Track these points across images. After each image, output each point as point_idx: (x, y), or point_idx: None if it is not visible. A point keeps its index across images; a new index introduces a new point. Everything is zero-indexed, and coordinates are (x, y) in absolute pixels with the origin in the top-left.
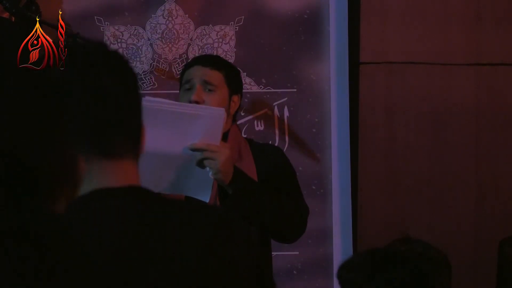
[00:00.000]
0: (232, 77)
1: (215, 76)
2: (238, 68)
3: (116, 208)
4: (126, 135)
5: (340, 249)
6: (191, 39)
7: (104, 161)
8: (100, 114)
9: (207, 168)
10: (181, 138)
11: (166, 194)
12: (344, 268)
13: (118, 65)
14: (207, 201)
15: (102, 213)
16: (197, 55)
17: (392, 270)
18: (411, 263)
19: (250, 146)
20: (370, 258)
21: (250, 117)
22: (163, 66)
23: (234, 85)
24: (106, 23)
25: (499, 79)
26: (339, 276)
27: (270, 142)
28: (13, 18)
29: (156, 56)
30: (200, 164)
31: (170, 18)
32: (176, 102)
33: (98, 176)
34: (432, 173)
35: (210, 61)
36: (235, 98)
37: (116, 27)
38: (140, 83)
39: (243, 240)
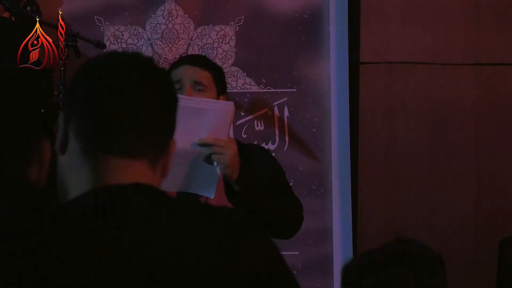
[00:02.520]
0: (219, 77)
1: (205, 76)
2: (238, 68)
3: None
4: (139, 137)
5: (340, 249)
6: (191, 39)
7: (110, 158)
8: (107, 111)
9: (214, 164)
10: (189, 133)
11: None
12: (345, 269)
13: (150, 75)
14: (212, 197)
15: (103, 210)
16: None
17: (388, 270)
18: (407, 262)
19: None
20: (367, 259)
21: (250, 117)
22: (163, 66)
23: (221, 85)
24: (106, 23)
25: (499, 79)
26: (343, 279)
27: (270, 142)
28: (13, 18)
29: (156, 56)
30: (208, 159)
31: (170, 18)
32: (185, 96)
33: (102, 173)
34: (432, 173)
35: (198, 60)
36: (222, 98)
37: (116, 27)
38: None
39: (260, 244)
